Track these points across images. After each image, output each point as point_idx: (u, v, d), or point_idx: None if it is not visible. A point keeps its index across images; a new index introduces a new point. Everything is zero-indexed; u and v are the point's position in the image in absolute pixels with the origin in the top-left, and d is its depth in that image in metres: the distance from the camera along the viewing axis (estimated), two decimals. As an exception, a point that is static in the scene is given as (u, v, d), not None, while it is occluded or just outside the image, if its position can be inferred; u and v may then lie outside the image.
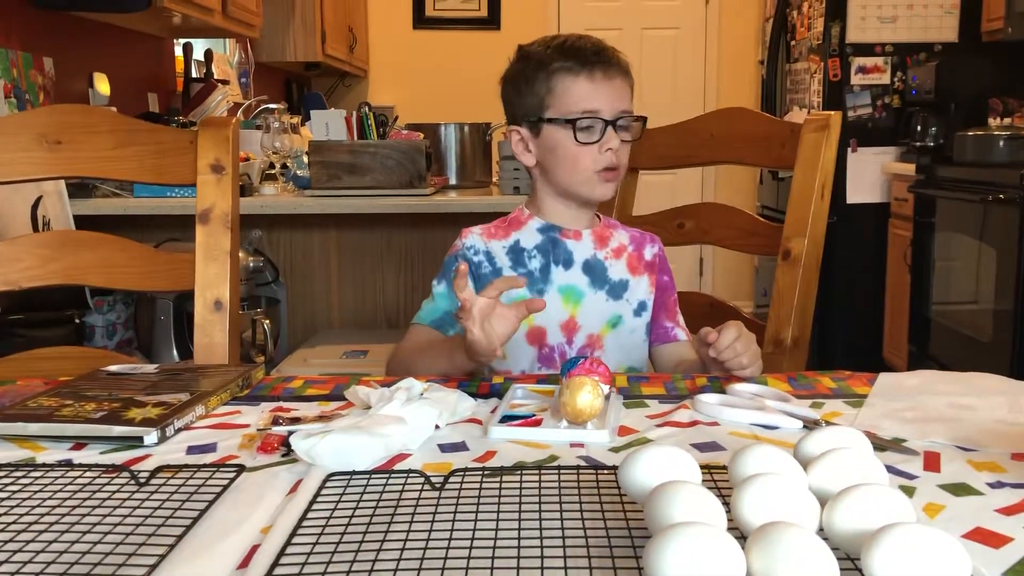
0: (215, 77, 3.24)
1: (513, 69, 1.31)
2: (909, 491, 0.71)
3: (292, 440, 0.77)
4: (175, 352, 2.21)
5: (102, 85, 2.68)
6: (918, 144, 3.54)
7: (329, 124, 2.30)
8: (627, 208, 1.68)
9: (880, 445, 0.80)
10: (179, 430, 0.87)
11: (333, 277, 2.60)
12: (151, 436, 0.83)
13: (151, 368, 1.07)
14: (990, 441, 0.82)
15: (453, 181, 2.69)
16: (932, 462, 0.78)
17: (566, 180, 1.28)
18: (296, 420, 0.90)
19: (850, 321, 3.71)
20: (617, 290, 1.33)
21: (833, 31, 3.69)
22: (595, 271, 1.32)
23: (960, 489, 0.72)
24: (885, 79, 3.71)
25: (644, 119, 1.30)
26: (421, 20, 5.32)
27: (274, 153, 2.53)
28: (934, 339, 3.35)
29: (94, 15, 2.63)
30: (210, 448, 0.83)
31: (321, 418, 0.91)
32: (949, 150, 3.34)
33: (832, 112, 1.43)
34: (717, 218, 1.60)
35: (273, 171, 2.61)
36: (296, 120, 2.64)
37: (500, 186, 2.41)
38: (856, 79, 3.71)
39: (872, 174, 3.69)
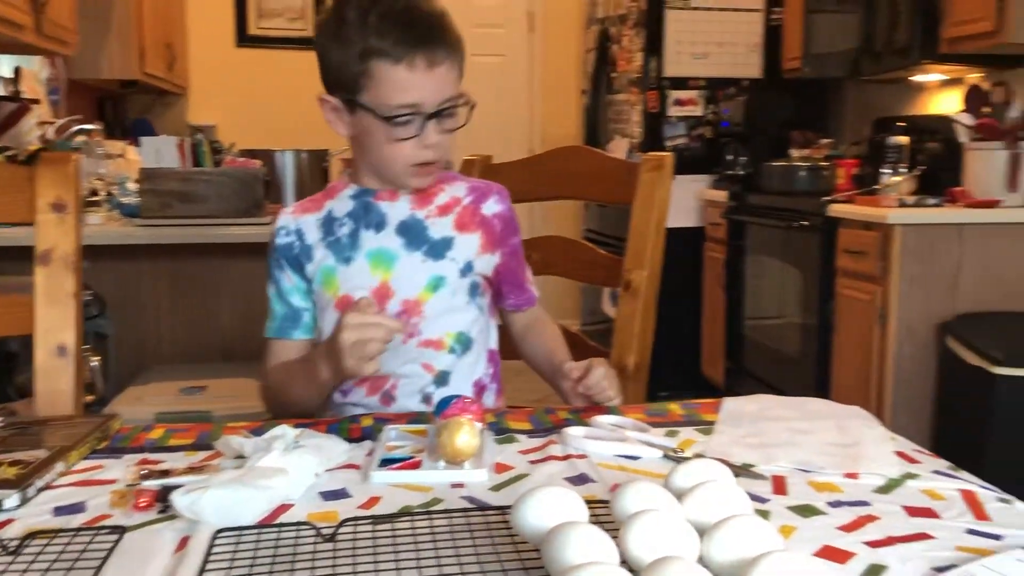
0: (24, 96, 3.04)
1: (329, 24, 1.17)
2: (764, 514, 0.79)
3: (173, 497, 0.76)
4: (-8, 393, 2.06)
5: None
6: (729, 173, 3.80)
7: (160, 151, 2.22)
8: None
9: (734, 471, 0.88)
10: (41, 490, 0.83)
11: (164, 309, 2.50)
12: (11, 499, 0.79)
13: (-6, 422, 1.01)
14: (825, 463, 0.91)
15: (290, 209, 2.65)
16: (779, 486, 0.87)
17: (379, 166, 1.23)
18: (166, 473, 0.88)
19: (671, 339, 3.92)
20: (438, 249, 1.26)
21: (651, 65, 3.91)
22: (412, 231, 1.26)
23: (806, 510, 0.81)
24: (699, 111, 3.97)
25: (472, 105, 1.19)
26: (244, 38, 5.18)
27: (98, 179, 2.41)
28: (748, 355, 3.60)
29: None
30: (78, 508, 0.80)
31: (191, 470, 0.89)
32: (757, 179, 3.62)
33: (666, 154, 1.53)
34: (562, 251, 1.67)
35: (96, 198, 2.49)
36: (122, 146, 2.53)
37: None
38: (673, 111, 3.94)
39: (689, 200, 3.93)
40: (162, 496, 0.81)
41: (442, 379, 1.27)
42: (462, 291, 1.28)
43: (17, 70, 3.05)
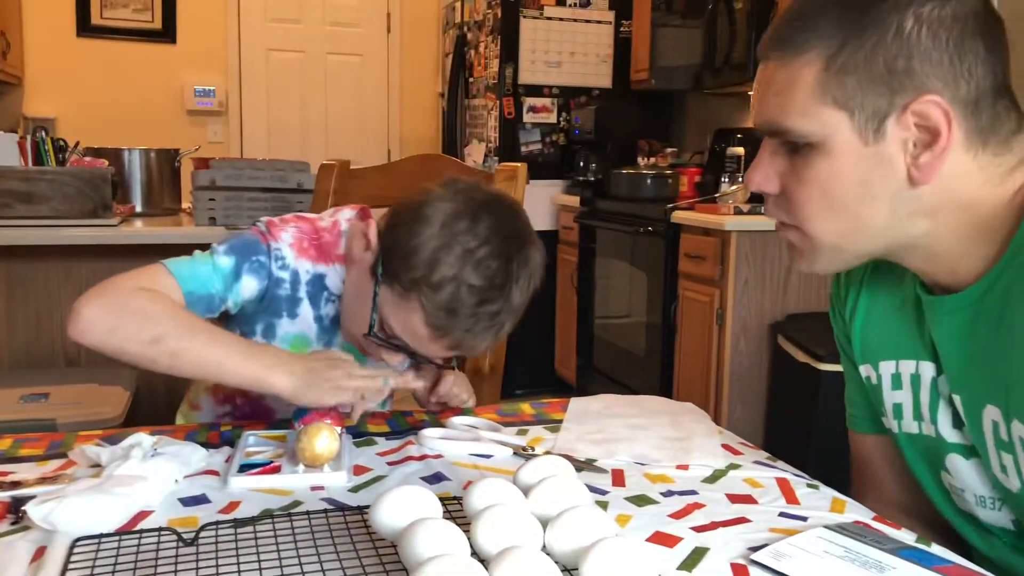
0: None
1: (439, 217, 1.03)
2: (604, 505, 0.86)
3: (29, 508, 0.76)
4: None
5: None
6: (581, 179, 3.93)
7: (-2, 149, 2.12)
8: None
9: (578, 466, 0.95)
10: None
11: (1, 313, 2.38)
12: None
13: None
14: (660, 456, 1.00)
15: (139, 209, 2.57)
16: (618, 478, 0.94)
17: (342, 307, 1.17)
18: (17, 484, 0.87)
19: (526, 338, 4.03)
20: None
21: (507, 72, 4.00)
22: None
23: (641, 500, 0.88)
24: (552, 118, 4.09)
25: (454, 366, 1.16)
26: (86, 28, 4.95)
27: (-74, 176, 2.27)
28: (598, 353, 3.74)
29: None
30: (-76, 523, 0.79)
31: (44, 480, 0.89)
32: (607, 185, 3.76)
33: (519, 164, 1.60)
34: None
35: (-77, 196, 2.34)
36: (-48, 140, 2.38)
37: (194, 216, 2.36)
38: (528, 117, 4.05)
39: (543, 205, 4.05)
40: (14, 507, 0.81)
41: None
42: None
43: None
